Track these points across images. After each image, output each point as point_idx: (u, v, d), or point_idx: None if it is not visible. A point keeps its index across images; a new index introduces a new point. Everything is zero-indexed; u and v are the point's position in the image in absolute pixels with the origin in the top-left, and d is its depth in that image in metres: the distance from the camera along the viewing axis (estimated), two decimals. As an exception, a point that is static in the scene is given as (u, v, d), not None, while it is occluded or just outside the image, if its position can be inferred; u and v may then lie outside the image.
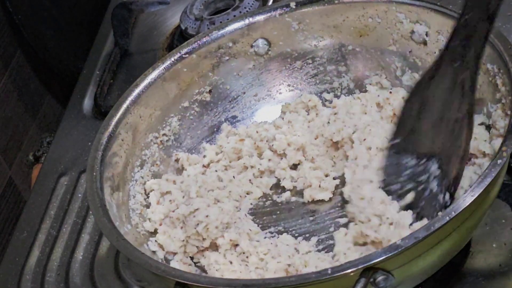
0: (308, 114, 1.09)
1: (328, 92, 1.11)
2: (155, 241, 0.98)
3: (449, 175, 0.89)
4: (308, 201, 1.01)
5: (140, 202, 1.01)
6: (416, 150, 0.91)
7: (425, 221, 0.88)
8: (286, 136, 1.06)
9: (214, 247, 0.97)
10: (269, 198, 1.04)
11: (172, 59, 1.08)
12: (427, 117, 0.90)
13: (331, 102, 1.10)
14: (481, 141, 0.94)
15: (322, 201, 1.01)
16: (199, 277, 0.85)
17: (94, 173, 0.96)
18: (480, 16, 0.85)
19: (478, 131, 0.94)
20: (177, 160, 1.07)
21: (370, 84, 1.09)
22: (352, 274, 0.78)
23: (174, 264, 0.96)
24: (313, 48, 1.11)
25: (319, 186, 1.01)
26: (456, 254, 0.88)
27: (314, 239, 0.96)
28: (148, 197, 1.03)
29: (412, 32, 1.03)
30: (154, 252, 0.97)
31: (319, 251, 0.95)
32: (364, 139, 1.00)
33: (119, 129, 1.02)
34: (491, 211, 0.91)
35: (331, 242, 0.95)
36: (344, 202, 0.98)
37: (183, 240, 0.96)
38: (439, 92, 0.89)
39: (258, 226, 1.00)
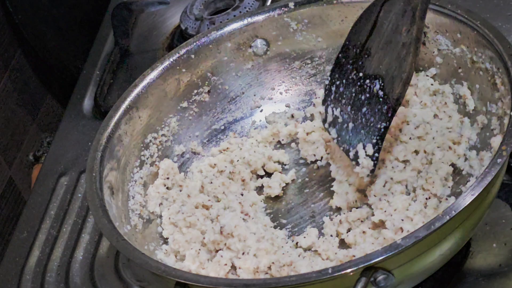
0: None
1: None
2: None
3: (390, 97, 0.91)
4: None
5: (140, 203, 1.01)
6: (363, 70, 0.93)
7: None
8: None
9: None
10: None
11: (171, 59, 1.08)
12: (376, 39, 0.93)
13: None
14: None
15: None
16: (199, 277, 0.85)
17: (94, 174, 0.96)
18: None
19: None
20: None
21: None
22: (352, 273, 0.79)
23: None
24: (311, 48, 1.11)
25: None
26: (456, 254, 0.88)
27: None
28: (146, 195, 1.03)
29: (411, 32, 1.03)
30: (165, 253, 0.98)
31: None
32: None
33: (118, 129, 1.02)
34: (491, 211, 0.91)
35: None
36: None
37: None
38: (391, 15, 0.91)
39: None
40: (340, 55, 0.96)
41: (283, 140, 1.10)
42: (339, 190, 1.00)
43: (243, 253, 0.94)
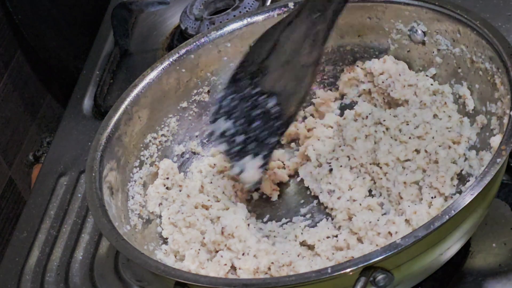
0: None
1: (326, 92, 1.11)
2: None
3: (285, 114, 0.95)
4: None
5: (139, 203, 1.02)
6: (259, 86, 0.96)
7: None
8: None
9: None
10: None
11: (171, 59, 1.08)
12: (275, 58, 0.96)
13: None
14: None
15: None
16: (199, 277, 0.85)
17: (93, 174, 0.96)
18: None
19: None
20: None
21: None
22: (352, 273, 0.79)
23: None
24: (311, 48, 1.11)
25: None
26: (456, 254, 0.88)
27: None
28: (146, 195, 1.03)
29: (411, 32, 1.03)
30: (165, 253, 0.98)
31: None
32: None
33: (118, 129, 1.02)
34: (491, 211, 0.91)
35: None
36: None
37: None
38: (293, 37, 0.95)
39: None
40: (237, 70, 0.99)
41: (282, 140, 1.10)
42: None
43: (243, 254, 0.94)
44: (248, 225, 0.98)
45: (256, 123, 0.97)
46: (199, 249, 0.97)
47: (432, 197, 0.93)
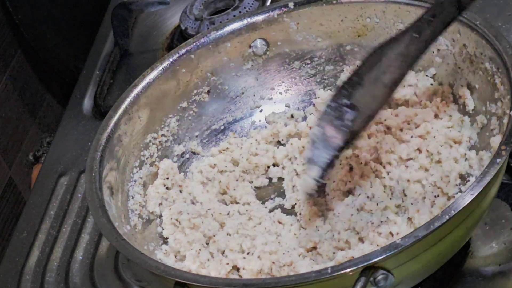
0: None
1: (326, 92, 1.11)
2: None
3: (351, 130, 0.93)
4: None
5: (139, 203, 1.02)
6: (351, 98, 0.94)
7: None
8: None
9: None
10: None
11: (171, 59, 1.08)
12: (371, 74, 0.94)
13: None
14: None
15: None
16: (199, 277, 0.85)
17: (93, 174, 0.96)
18: (452, 1, 0.89)
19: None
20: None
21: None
22: (352, 273, 0.79)
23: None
24: (311, 48, 1.11)
25: None
26: (456, 254, 0.88)
27: None
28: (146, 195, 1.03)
29: (410, 32, 1.03)
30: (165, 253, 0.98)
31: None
32: None
33: (118, 129, 1.02)
34: (491, 211, 0.91)
35: None
36: None
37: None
38: (390, 54, 0.93)
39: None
40: (346, 80, 0.97)
41: (283, 140, 1.10)
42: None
43: (248, 253, 0.94)
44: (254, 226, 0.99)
45: (332, 133, 0.94)
46: (200, 249, 0.97)
47: (435, 196, 0.93)
